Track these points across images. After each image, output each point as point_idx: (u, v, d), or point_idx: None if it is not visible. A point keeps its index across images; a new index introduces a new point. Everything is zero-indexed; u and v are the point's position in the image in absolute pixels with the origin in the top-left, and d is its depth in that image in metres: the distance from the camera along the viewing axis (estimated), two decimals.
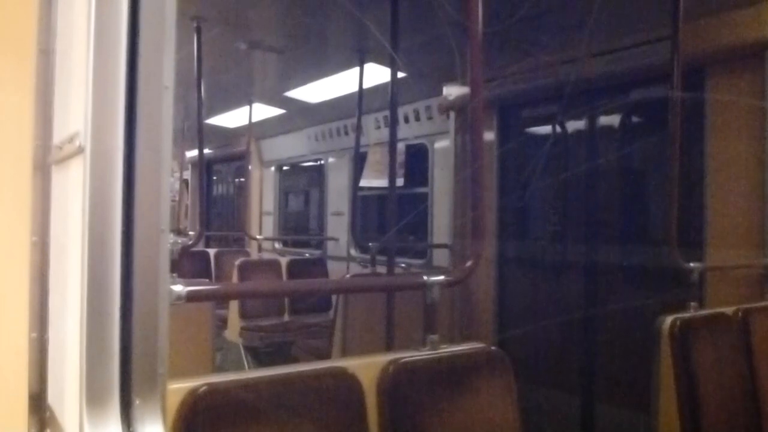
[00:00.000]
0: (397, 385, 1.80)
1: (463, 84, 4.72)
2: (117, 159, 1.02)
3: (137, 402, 1.04)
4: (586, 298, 4.12)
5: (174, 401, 1.45)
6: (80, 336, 1.05)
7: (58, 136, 1.41)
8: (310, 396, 1.66)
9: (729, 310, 2.79)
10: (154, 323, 1.07)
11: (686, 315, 2.62)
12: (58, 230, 1.45)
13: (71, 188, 1.25)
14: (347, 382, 1.73)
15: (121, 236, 1.03)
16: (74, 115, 1.21)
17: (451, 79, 4.85)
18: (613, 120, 4.15)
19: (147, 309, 1.06)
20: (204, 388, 1.50)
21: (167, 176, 1.09)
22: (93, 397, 1.03)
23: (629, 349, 3.75)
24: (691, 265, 2.82)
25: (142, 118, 1.04)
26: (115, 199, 1.02)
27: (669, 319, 2.53)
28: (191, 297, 1.57)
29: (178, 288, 1.54)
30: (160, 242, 1.07)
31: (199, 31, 4.11)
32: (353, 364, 1.78)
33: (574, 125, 4.34)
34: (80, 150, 1.08)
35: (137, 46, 1.03)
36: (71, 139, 1.18)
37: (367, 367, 1.79)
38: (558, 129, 4.48)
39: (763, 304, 2.98)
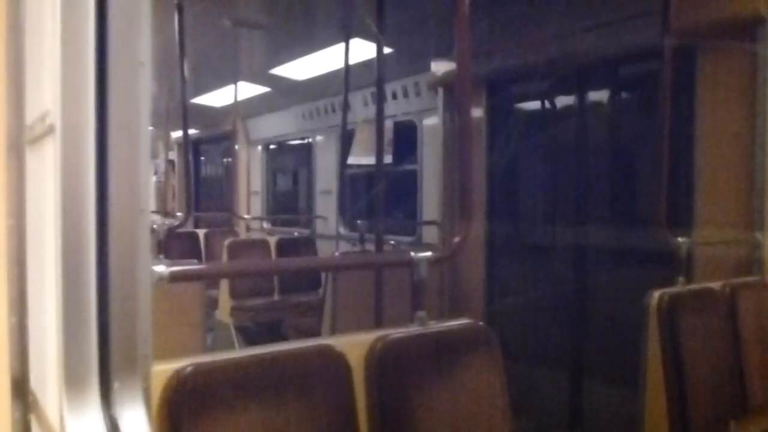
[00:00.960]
0: (385, 361, 1.80)
1: (451, 60, 4.67)
2: (89, 137, 0.99)
3: (117, 385, 1.02)
4: (575, 275, 4.13)
5: (159, 382, 1.44)
6: (57, 320, 1.03)
7: (31, 115, 1.37)
8: (297, 374, 1.65)
9: (716, 285, 2.80)
10: (134, 305, 1.05)
11: (674, 290, 2.62)
12: (34, 213, 1.42)
13: (45, 169, 1.22)
14: (334, 359, 1.72)
15: (96, 217, 1.00)
16: (45, 94, 1.18)
17: (439, 55, 4.80)
18: (602, 96, 4.13)
19: (126, 290, 1.04)
20: (189, 368, 1.49)
21: (146, 156, 1.06)
22: (72, 381, 1.02)
23: (617, 326, 3.77)
24: (680, 240, 2.82)
25: (114, 95, 1.01)
26: (88, 179, 1.00)
27: (657, 294, 2.54)
28: (174, 277, 1.55)
29: (161, 268, 1.52)
30: (139, 222, 1.05)
31: (180, 8, 4.03)
32: (341, 341, 1.77)
33: (564, 101, 4.32)
34: (51, 128, 1.05)
35: (107, 20, 0.99)
36: (43, 118, 1.15)
37: (354, 345, 1.79)
38: (548, 105, 4.45)
39: (750, 279, 3.00)
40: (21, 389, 1.52)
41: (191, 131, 5.14)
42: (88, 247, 1.01)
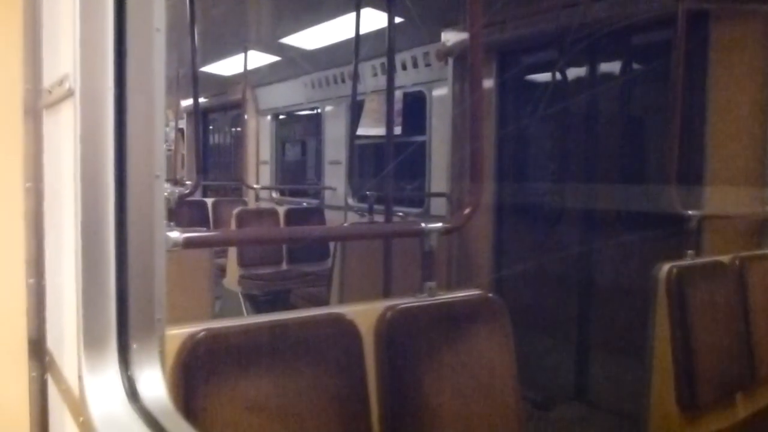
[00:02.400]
0: (395, 330, 1.81)
1: (462, 29, 4.62)
2: (108, 101, 1.00)
3: (134, 346, 1.05)
4: (584, 246, 4.13)
5: (172, 346, 1.46)
6: (77, 282, 1.05)
7: (48, 79, 1.38)
8: (308, 341, 1.67)
9: (726, 258, 2.80)
10: (151, 269, 1.07)
11: (683, 263, 2.63)
12: (51, 175, 1.43)
13: (63, 132, 1.23)
14: (345, 327, 1.74)
15: (115, 181, 1.01)
16: (64, 58, 1.18)
17: (449, 25, 4.75)
18: (614, 66, 4.09)
19: (143, 255, 1.06)
20: (202, 333, 1.51)
21: (161, 121, 1.07)
22: (91, 341, 1.04)
23: (626, 297, 3.78)
24: (690, 212, 2.81)
25: (132, 59, 1.01)
26: (107, 142, 1.01)
27: (666, 267, 2.54)
28: (188, 243, 1.56)
29: (175, 234, 1.53)
30: (155, 188, 1.06)
31: None
32: (351, 310, 1.79)
33: (575, 71, 4.28)
34: (70, 92, 1.06)
35: None
36: (61, 82, 1.16)
37: (364, 314, 1.80)
38: (558, 76, 4.41)
39: (760, 252, 3.00)
40: (38, 349, 1.55)
41: (200, 100, 5.12)
42: (107, 211, 1.02)
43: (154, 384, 1.04)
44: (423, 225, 2.02)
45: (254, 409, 1.53)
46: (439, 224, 2.03)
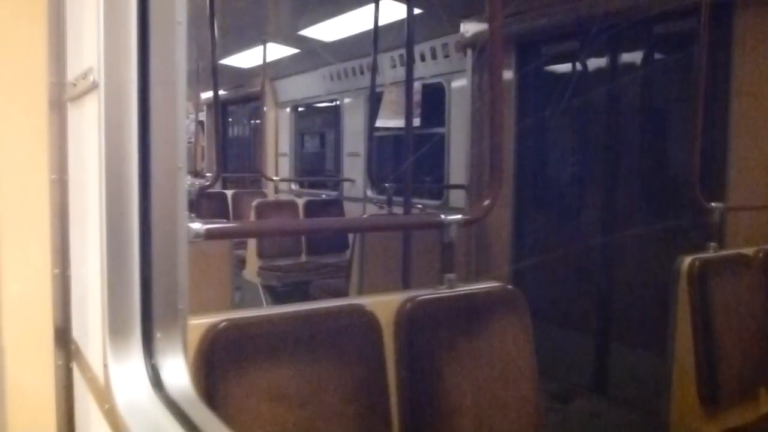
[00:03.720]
0: (414, 321, 1.82)
1: (481, 20, 4.59)
2: (131, 93, 1.01)
3: (158, 335, 1.06)
4: (604, 239, 4.10)
5: (194, 336, 1.48)
6: (101, 272, 1.07)
7: (72, 72, 1.40)
8: (328, 332, 1.68)
9: (749, 250, 2.76)
10: (174, 259, 1.08)
11: (705, 255, 2.60)
12: (75, 167, 1.45)
13: (87, 125, 1.24)
14: (365, 318, 1.75)
15: (138, 172, 1.03)
16: (88, 51, 1.20)
17: (468, 15, 4.72)
18: (635, 56, 4.04)
19: (166, 246, 1.07)
20: (224, 323, 1.53)
21: (183, 113, 1.08)
22: (116, 330, 1.05)
23: (646, 290, 3.75)
24: (713, 205, 2.78)
25: (155, 52, 1.02)
26: (131, 134, 1.02)
27: (688, 260, 2.51)
28: (210, 234, 1.58)
29: (197, 225, 1.55)
30: (178, 179, 1.07)
31: None
32: (371, 301, 1.80)
33: (596, 62, 4.24)
34: (94, 85, 1.07)
35: None
36: (85, 75, 1.17)
37: (384, 305, 1.81)
38: (579, 66, 4.37)
39: None
40: (64, 338, 1.58)
41: (219, 92, 5.15)
42: (131, 202, 1.03)
43: (178, 372, 1.06)
44: (443, 217, 2.02)
45: (275, 399, 1.54)
46: (459, 216, 2.03)
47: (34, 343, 1.56)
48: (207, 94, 9.22)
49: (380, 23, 4.44)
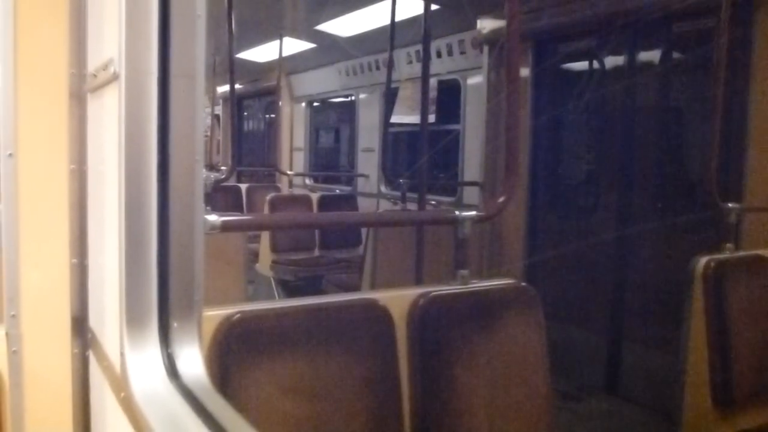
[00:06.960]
0: (427, 317, 1.82)
1: (498, 17, 4.57)
2: (151, 85, 1.02)
3: (175, 325, 1.07)
4: (618, 238, 4.08)
5: (209, 327, 1.49)
6: (119, 262, 1.08)
7: (93, 64, 1.41)
8: (341, 326, 1.69)
9: (766, 252, 2.73)
10: (190, 250, 1.09)
11: (721, 256, 2.57)
12: (95, 158, 1.47)
13: (107, 116, 1.25)
14: (378, 313, 1.75)
15: (157, 164, 1.04)
16: (108, 43, 1.21)
17: (485, 12, 4.70)
18: (653, 55, 4.01)
19: (183, 237, 1.08)
20: (238, 315, 1.54)
21: (201, 106, 1.09)
22: (132, 319, 1.07)
23: (661, 290, 3.73)
24: (729, 205, 2.76)
25: (175, 45, 1.03)
26: (150, 126, 1.03)
27: (703, 260, 2.49)
28: (226, 227, 1.59)
29: (213, 218, 1.56)
30: (195, 171, 1.08)
31: None
32: (384, 296, 1.80)
33: (613, 60, 4.21)
34: (115, 77, 1.08)
35: None
36: (106, 66, 1.18)
37: (398, 300, 1.81)
38: (596, 65, 4.34)
39: None
40: (80, 327, 1.60)
41: (235, 86, 5.17)
42: (149, 193, 1.04)
43: (194, 362, 1.07)
44: (457, 213, 2.02)
45: (287, 391, 1.55)
46: (473, 212, 2.03)
47: (52, 331, 1.58)
48: (223, 88, 9.26)
49: (397, 19, 4.43)
